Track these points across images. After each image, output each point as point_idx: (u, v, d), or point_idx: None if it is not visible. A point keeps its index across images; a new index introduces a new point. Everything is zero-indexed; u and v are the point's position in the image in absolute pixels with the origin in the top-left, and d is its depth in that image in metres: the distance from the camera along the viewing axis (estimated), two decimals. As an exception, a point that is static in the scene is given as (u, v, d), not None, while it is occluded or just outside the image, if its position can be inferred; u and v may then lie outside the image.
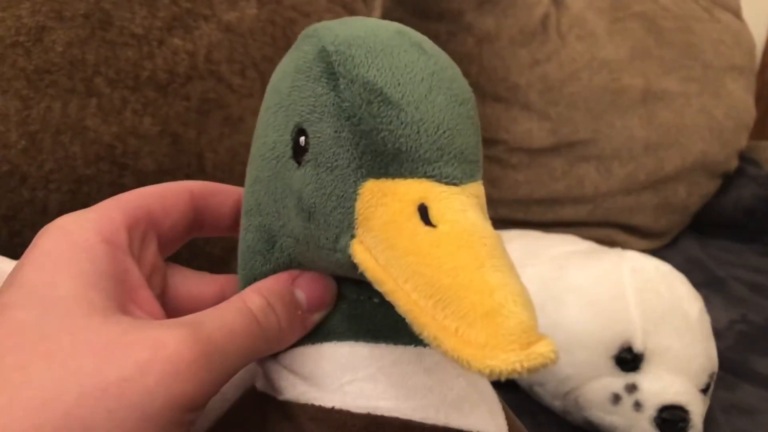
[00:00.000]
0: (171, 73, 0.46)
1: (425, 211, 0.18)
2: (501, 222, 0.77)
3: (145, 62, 0.45)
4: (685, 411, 0.41)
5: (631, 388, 0.42)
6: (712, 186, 0.90)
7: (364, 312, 0.22)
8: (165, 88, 0.46)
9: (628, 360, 0.42)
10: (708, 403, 0.45)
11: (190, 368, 0.18)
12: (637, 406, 0.42)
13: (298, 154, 0.20)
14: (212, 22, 0.48)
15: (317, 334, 0.22)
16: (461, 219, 0.18)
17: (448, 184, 0.19)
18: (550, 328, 0.45)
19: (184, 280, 0.25)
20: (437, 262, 0.16)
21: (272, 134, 0.22)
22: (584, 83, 0.78)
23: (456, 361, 0.15)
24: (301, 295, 0.22)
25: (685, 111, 0.84)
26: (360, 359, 0.21)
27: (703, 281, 0.77)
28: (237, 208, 0.25)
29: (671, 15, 0.87)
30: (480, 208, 0.19)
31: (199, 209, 0.25)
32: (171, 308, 0.24)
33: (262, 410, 0.22)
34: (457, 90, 0.20)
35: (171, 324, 0.19)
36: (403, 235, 0.17)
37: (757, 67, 0.99)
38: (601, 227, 0.81)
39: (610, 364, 0.43)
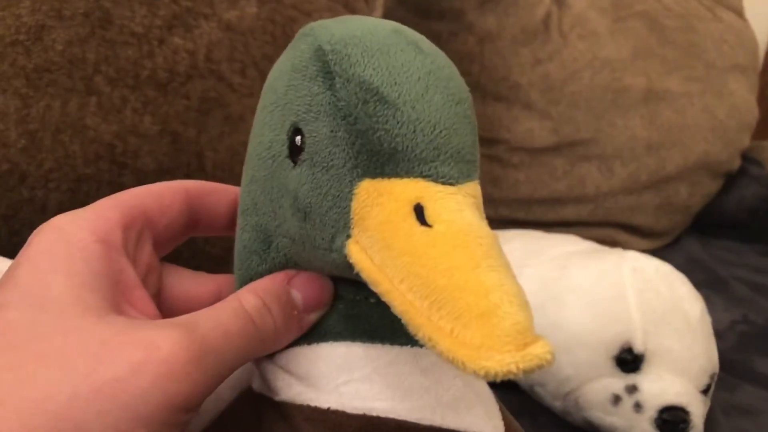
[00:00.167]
0: (171, 71, 0.46)
1: (421, 211, 0.18)
2: (502, 222, 0.77)
3: (145, 61, 0.45)
4: (686, 412, 0.41)
5: (632, 388, 0.42)
6: (714, 186, 0.90)
7: (360, 312, 0.22)
8: (165, 87, 0.46)
9: (629, 361, 0.42)
10: (709, 404, 0.44)
11: (184, 369, 0.18)
12: (638, 407, 0.42)
13: (294, 153, 0.20)
14: (212, 20, 0.48)
15: (313, 334, 0.22)
16: (457, 219, 0.17)
17: (444, 183, 0.19)
18: (550, 328, 0.45)
19: (181, 279, 0.25)
20: (433, 262, 0.16)
21: (268, 133, 0.22)
22: (586, 82, 0.78)
23: (451, 363, 0.15)
24: (297, 295, 0.22)
25: (688, 111, 0.83)
26: (356, 360, 0.21)
27: (705, 281, 0.77)
28: (233, 207, 0.25)
29: (673, 14, 0.87)
30: (476, 208, 0.19)
31: (195, 208, 0.25)
32: (167, 308, 0.24)
33: (258, 411, 0.22)
34: (454, 89, 0.20)
35: (165, 324, 0.19)
36: (399, 235, 0.17)
37: (760, 66, 0.99)
38: (603, 227, 0.81)
39: (611, 364, 0.43)
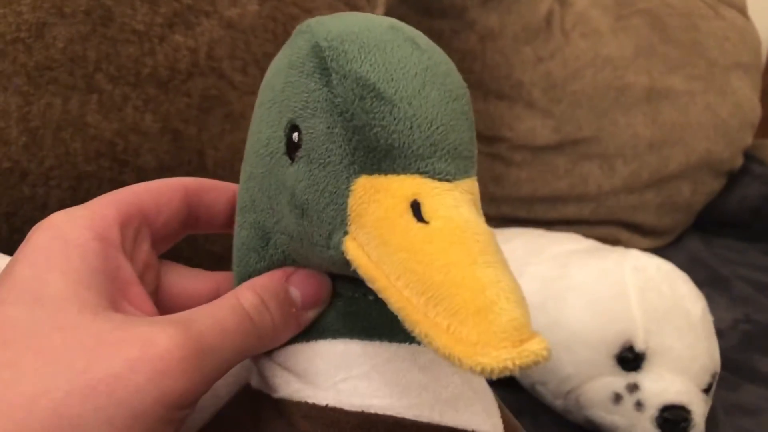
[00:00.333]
0: (172, 69, 0.46)
1: (418, 208, 0.18)
2: (503, 220, 0.77)
3: (146, 59, 0.45)
4: (687, 411, 0.41)
5: (633, 387, 0.42)
6: (716, 184, 0.90)
7: (358, 309, 0.22)
8: (166, 85, 0.46)
9: (630, 359, 0.42)
10: (710, 403, 0.44)
11: (181, 366, 0.18)
12: (639, 405, 0.41)
13: (291, 150, 0.20)
14: (213, 18, 0.48)
15: (311, 331, 0.22)
16: (454, 215, 0.17)
17: (441, 180, 0.19)
18: (551, 326, 0.45)
19: (179, 277, 0.25)
20: (429, 258, 0.16)
21: (266, 130, 0.22)
22: (588, 81, 0.78)
23: (448, 359, 0.15)
24: (295, 292, 0.22)
25: (690, 109, 0.83)
26: (354, 357, 0.21)
27: (707, 280, 0.76)
28: (231, 204, 0.25)
29: (676, 12, 0.86)
30: (473, 205, 0.19)
31: (193, 206, 0.25)
32: (165, 305, 0.24)
33: (256, 408, 0.22)
34: (451, 85, 0.20)
35: (162, 321, 0.19)
36: (396, 232, 0.17)
37: (763, 65, 0.98)
38: (605, 225, 0.81)
39: (612, 363, 0.43)
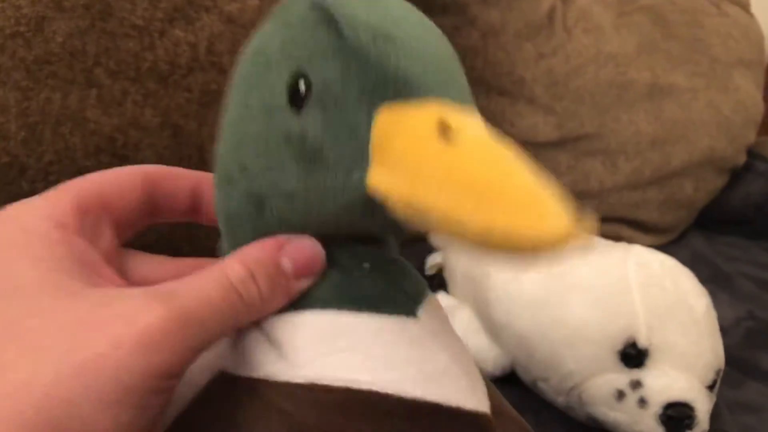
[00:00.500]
0: (172, 64, 0.46)
1: (445, 130, 0.18)
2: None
3: (146, 53, 0.45)
4: (691, 408, 0.41)
5: (636, 384, 0.42)
6: (719, 181, 0.89)
7: (351, 279, 0.22)
8: (166, 80, 0.46)
9: (633, 356, 0.42)
10: (714, 399, 0.44)
11: (165, 339, 0.18)
12: (642, 402, 0.41)
13: (297, 99, 0.21)
14: (214, 13, 0.48)
15: (300, 300, 0.22)
16: (481, 132, 0.18)
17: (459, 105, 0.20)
18: (554, 322, 0.45)
19: (141, 264, 0.24)
20: (471, 168, 0.17)
21: (257, 93, 0.22)
22: (590, 77, 0.78)
23: (514, 242, 0.15)
24: (287, 263, 0.21)
25: (693, 106, 0.83)
26: (340, 329, 0.21)
27: (710, 277, 0.76)
28: (193, 192, 0.25)
29: (678, 9, 0.86)
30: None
31: (153, 193, 0.24)
32: None
33: (233, 392, 0.22)
34: (439, 32, 0.22)
35: (143, 294, 0.19)
36: (430, 152, 0.18)
37: (766, 61, 0.98)
38: (607, 222, 0.80)
39: (615, 359, 0.42)
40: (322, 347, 0.21)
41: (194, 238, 0.47)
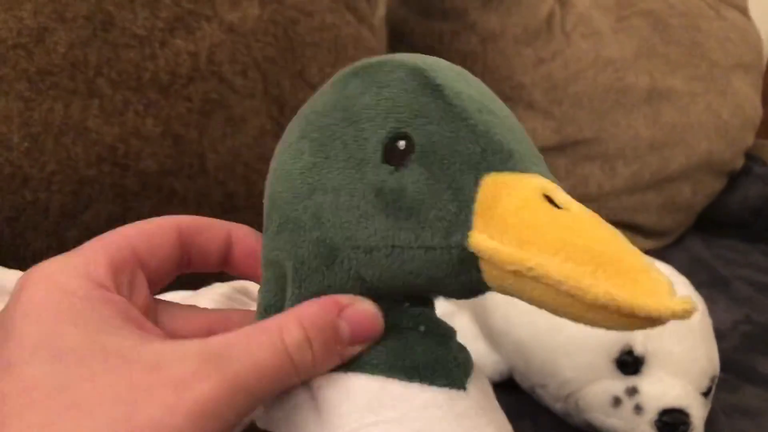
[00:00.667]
0: (173, 74, 0.46)
1: (549, 199, 0.19)
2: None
3: (147, 63, 0.45)
4: (686, 414, 0.41)
5: (632, 391, 0.42)
6: (717, 185, 0.90)
7: (405, 344, 0.22)
8: (167, 89, 0.46)
9: (629, 363, 0.42)
10: (709, 406, 0.44)
11: (217, 407, 0.18)
12: (638, 409, 0.42)
13: (395, 157, 0.21)
14: (214, 22, 0.48)
15: (351, 361, 0.22)
16: (580, 205, 0.19)
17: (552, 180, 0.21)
18: (551, 330, 0.45)
19: (173, 317, 0.24)
20: (587, 233, 0.18)
21: (340, 146, 0.22)
22: (589, 82, 0.78)
23: (634, 312, 0.16)
24: (345, 328, 0.21)
25: (691, 109, 0.83)
26: (388, 398, 0.21)
27: (708, 281, 0.76)
28: (225, 244, 0.25)
29: (677, 13, 0.86)
30: None
31: (186, 247, 0.24)
32: None
33: None
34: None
35: (196, 357, 0.19)
36: (543, 215, 0.18)
37: (764, 65, 0.98)
38: (606, 226, 0.81)
39: (611, 367, 0.43)
40: (368, 417, 0.21)
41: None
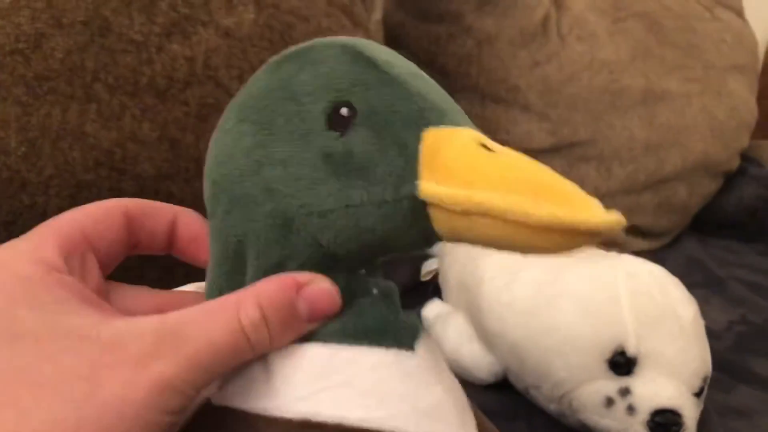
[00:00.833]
0: (170, 78, 0.47)
1: (484, 146, 0.21)
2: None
3: (143, 68, 0.46)
4: (678, 415, 0.41)
5: (625, 391, 0.42)
6: (713, 186, 0.90)
7: (357, 311, 0.23)
8: (164, 94, 0.46)
9: (622, 364, 0.43)
10: (702, 406, 0.45)
11: (175, 384, 0.19)
12: (631, 409, 0.42)
13: (338, 123, 0.22)
14: (210, 27, 0.48)
15: None
16: (510, 149, 0.21)
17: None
18: (544, 331, 0.45)
19: (124, 299, 0.25)
20: (522, 169, 0.20)
21: (282, 121, 0.23)
22: (584, 84, 0.79)
23: (576, 224, 0.18)
24: (303, 306, 0.22)
25: (686, 111, 0.84)
26: (338, 363, 0.22)
27: (703, 281, 0.77)
28: (171, 227, 0.26)
29: (672, 14, 0.87)
30: None
31: (133, 229, 0.25)
32: None
33: (225, 426, 0.22)
34: None
35: (152, 335, 0.19)
36: (481, 158, 0.20)
37: (760, 66, 0.99)
38: (601, 228, 0.81)
39: (604, 367, 0.43)
40: (319, 383, 0.21)
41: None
